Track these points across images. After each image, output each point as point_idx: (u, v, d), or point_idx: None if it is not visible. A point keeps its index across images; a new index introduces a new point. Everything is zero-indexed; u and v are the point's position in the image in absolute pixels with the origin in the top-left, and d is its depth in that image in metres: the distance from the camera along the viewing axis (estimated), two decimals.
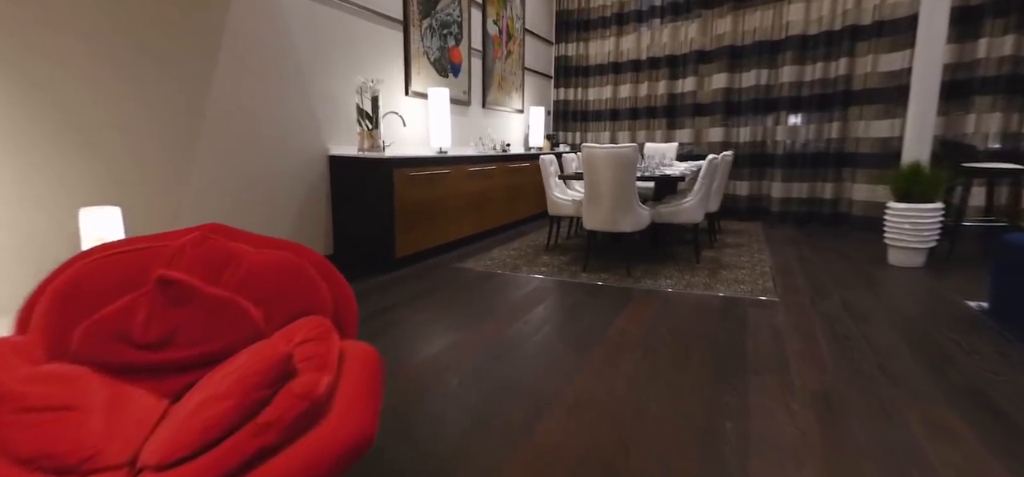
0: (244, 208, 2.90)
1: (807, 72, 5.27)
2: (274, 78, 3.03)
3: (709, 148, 6.01)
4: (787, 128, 5.44)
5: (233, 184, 2.83)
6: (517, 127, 6.26)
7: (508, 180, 4.93)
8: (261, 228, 3.02)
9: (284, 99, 3.11)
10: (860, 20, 4.92)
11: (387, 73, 3.96)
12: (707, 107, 5.98)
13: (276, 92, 3.05)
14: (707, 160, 3.64)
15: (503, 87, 5.73)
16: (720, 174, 4.32)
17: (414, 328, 2.41)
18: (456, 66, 4.78)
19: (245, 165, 2.89)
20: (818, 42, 5.16)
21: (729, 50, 5.68)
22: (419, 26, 4.19)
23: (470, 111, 5.14)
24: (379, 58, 3.86)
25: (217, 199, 2.75)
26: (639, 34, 6.37)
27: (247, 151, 2.90)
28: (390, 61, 3.97)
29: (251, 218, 2.95)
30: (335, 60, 3.45)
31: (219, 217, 2.77)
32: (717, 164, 3.70)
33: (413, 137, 4.30)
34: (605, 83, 6.70)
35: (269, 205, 3.05)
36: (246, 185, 2.90)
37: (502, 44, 5.60)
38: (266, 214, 3.04)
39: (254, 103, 2.91)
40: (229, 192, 2.81)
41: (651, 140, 6.45)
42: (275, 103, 3.05)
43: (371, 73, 3.78)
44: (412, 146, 4.29)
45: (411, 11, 4.08)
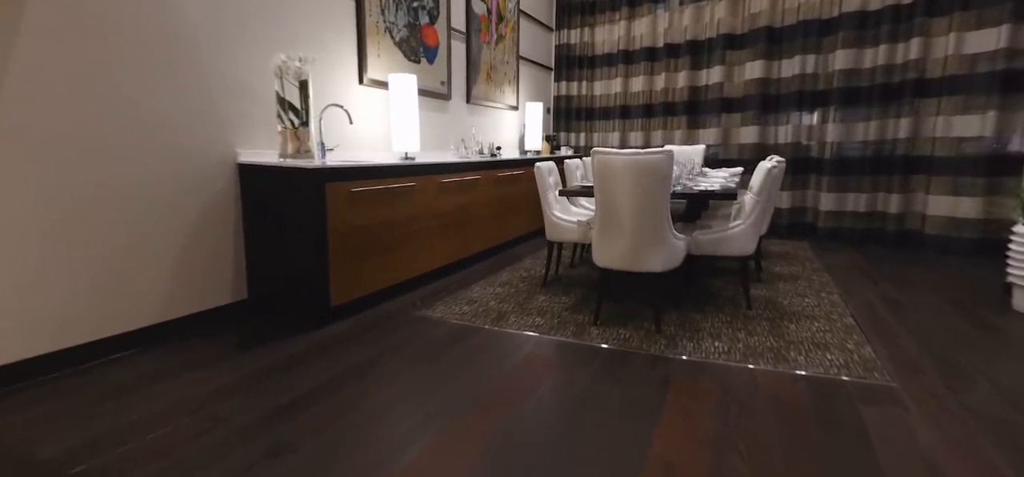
0: (95, 236, 1.93)
1: (866, 57, 4.28)
2: (146, 50, 2.06)
3: (740, 151, 5.03)
4: (839, 126, 4.45)
5: (73, 202, 1.86)
6: (510, 127, 5.29)
7: (497, 192, 3.96)
8: (120, 267, 2.05)
9: (166, 82, 2.14)
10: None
11: (333, 54, 2.99)
12: (738, 102, 4.99)
13: (151, 71, 2.08)
14: (763, 171, 2.66)
15: (493, 78, 4.75)
16: (773, 189, 3.33)
17: (329, 445, 1.43)
18: (431, 50, 3.81)
19: (98, 175, 1.92)
20: (881, 19, 4.17)
21: (766, 32, 4.70)
22: None
23: (450, 107, 4.17)
24: (321, 33, 2.89)
25: (46, 224, 1.78)
26: (655, 17, 5.39)
27: (101, 155, 1.93)
28: (337, 38, 3.00)
29: (104, 251, 1.98)
30: (251, 32, 2.48)
31: (47, 251, 1.80)
32: (776, 174, 2.71)
33: (370, 139, 3.33)
34: (614, 75, 5.72)
35: (137, 233, 2.08)
36: (95, 205, 1.94)
37: (491, 26, 4.63)
38: (131, 245, 2.07)
39: (112, 85, 1.95)
40: (68, 213, 1.84)
41: (669, 141, 5.47)
42: (150, 86, 2.08)
43: (308, 51, 2.81)
44: (368, 150, 3.32)
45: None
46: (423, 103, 3.81)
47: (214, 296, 2.44)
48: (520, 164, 4.36)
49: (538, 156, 4.90)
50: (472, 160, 3.64)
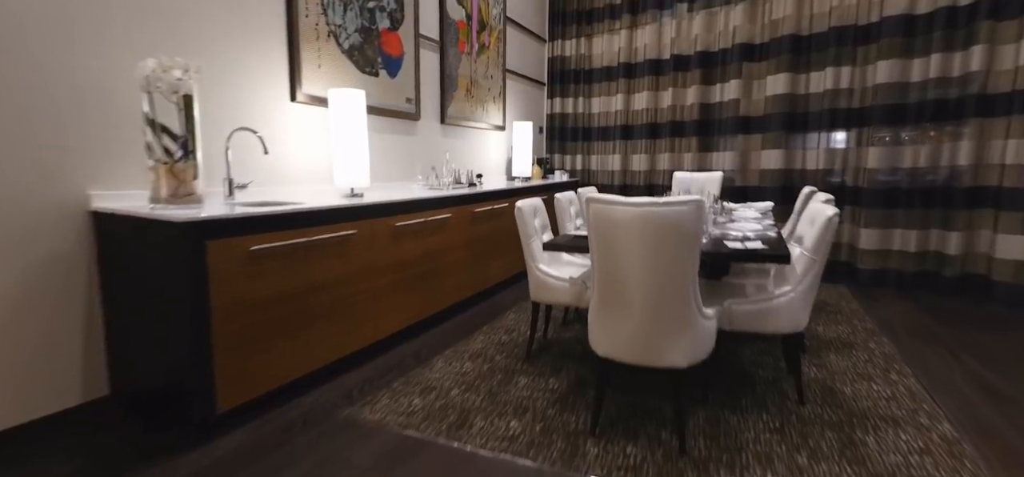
0: None
1: (914, 68, 3.61)
2: None
3: (761, 178, 4.34)
4: (881, 150, 3.76)
5: None
6: (496, 150, 4.61)
7: (475, 230, 3.26)
8: None
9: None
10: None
11: (251, 62, 2.31)
12: (758, 121, 4.32)
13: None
14: (820, 221, 1.95)
15: (474, 95, 4.09)
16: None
17: None
18: (394, 60, 3.14)
19: None
20: (932, 24, 3.51)
21: (791, 41, 4.04)
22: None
23: (419, 129, 3.49)
24: (233, 34, 2.22)
25: None
26: (660, 25, 4.75)
27: None
28: (258, 42, 2.33)
29: None
30: (118, 25, 1.81)
31: None
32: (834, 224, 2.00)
33: (307, 170, 2.64)
34: (614, 90, 5.06)
35: None
36: None
37: (471, 35, 3.97)
38: None
39: None
40: None
41: (678, 166, 4.79)
42: None
43: (211, 56, 2.13)
44: (303, 185, 2.62)
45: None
46: (382, 124, 3.13)
47: (54, 397, 1.73)
48: (504, 195, 3.66)
49: (527, 184, 4.21)
50: (442, 194, 2.94)
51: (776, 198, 4.22)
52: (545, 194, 4.34)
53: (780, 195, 4.22)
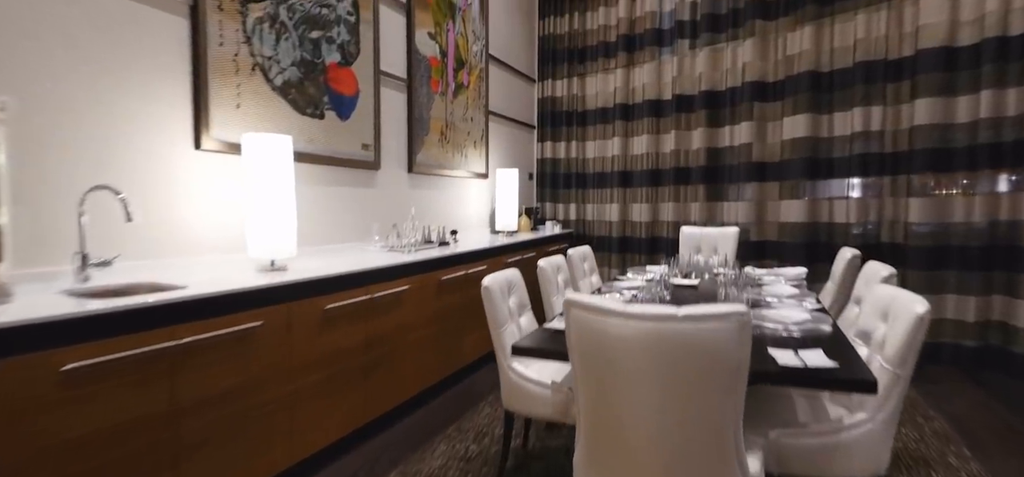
0: None
1: (960, 107, 3.10)
2: None
3: (780, 232, 3.78)
4: (925, 202, 3.21)
5: None
6: (477, 201, 4.07)
7: (443, 301, 2.68)
8: None
9: None
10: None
11: (131, 97, 1.78)
12: (775, 168, 3.79)
13: None
14: (911, 322, 1.36)
15: (450, 139, 3.58)
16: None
17: None
18: (346, 100, 2.63)
19: None
20: (979, 57, 3.02)
21: (810, 79, 3.56)
22: (239, 12, 2.06)
23: (380, 179, 2.95)
24: (111, 64, 1.69)
25: None
26: (659, 63, 4.30)
27: None
28: (146, 76, 1.81)
29: None
30: None
31: None
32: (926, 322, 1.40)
33: (215, 238, 2.07)
34: (610, 133, 4.57)
35: None
36: None
37: (446, 73, 3.50)
38: None
39: None
40: None
41: (684, 218, 4.23)
42: None
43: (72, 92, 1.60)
44: (213, 251, 2.05)
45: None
46: (328, 175, 2.59)
47: None
48: (482, 256, 3.09)
49: (512, 240, 3.64)
50: (399, 260, 2.37)
51: (800, 257, 3.64)
52: (532, 251, 3.77)
53: (805, 253, 3.65)
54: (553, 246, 4.26)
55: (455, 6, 3.56)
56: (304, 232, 2.42)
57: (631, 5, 4.38)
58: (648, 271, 2.85)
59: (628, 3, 4.37)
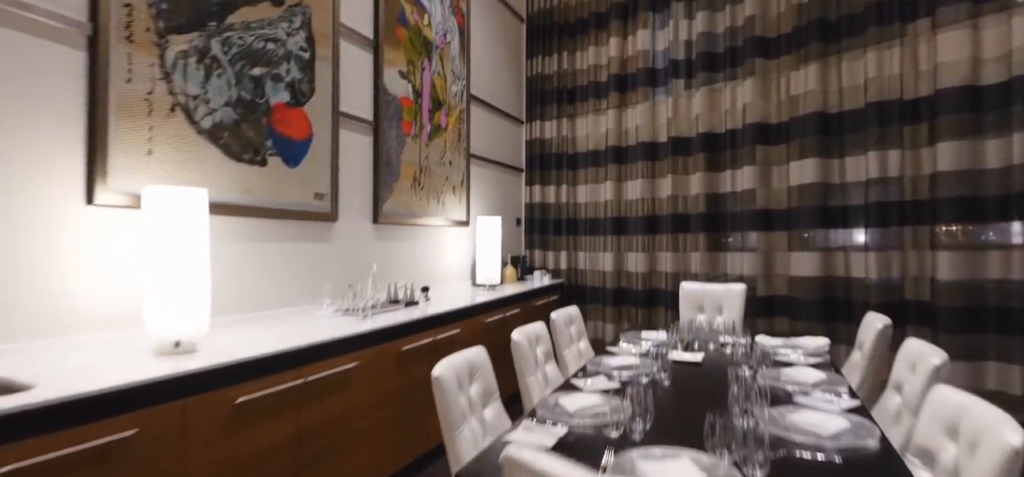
0: None
1: (989, 151, 2.78)
2: None
3: (790, 286, 3.40)
4: (957, 256, 2.84)
5: None
6: (457, 250, 3.72)
7: (405, 377, 2.28)
8: None
9: None
10: None
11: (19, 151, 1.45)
12: (781, 216, 3.46)
13: None
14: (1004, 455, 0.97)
15: (424, 186, 3.26)
16: None
17: None
18: (293, 144, 2.31)
19: None
20: (1009, 96, 2.71)
21: (817, 121, 3.27)
22: (156, 44, 1.76)
23: (338, 232, 2.61)
24: None
25: None
26: (653, 103, 4.03)
27: None
28: (20, 116, 1.48)
29: None
30: None
31: None
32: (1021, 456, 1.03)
33: (111, 311, 1.70)
34: (602, 177, 4.26)
35: None
36: None
37: (420, 114, 3.21)
38: None
39: None
40: None
41: (683, 268, 3.87)
42: None
43: None
44: (107, 327, 1.68)
45: (109, 10, 1.66)
46: (271, 229, 2.24)
47: None
48: (456, 317, 2.71)
49: (495, 296, 3.26)
50: (350, 331, 1.99)
51: (815, 314, 3.26)
52: (517, 307, 3.39)
53: (820, 311, 3.27)
54: (541, 299, 3.88)
55: (432, 44, 3.30)
56: (234, 299, 2.06)
57: (622, 44, 4.15)
58: (643, 339, 2.46)
59: (619, 42, 4.14)
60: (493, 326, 3.08)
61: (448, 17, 3.48)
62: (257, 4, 2.10)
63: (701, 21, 3.73)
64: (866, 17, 3.11)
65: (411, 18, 3.09)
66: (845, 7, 3.20)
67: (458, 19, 3.61)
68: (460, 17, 3.63)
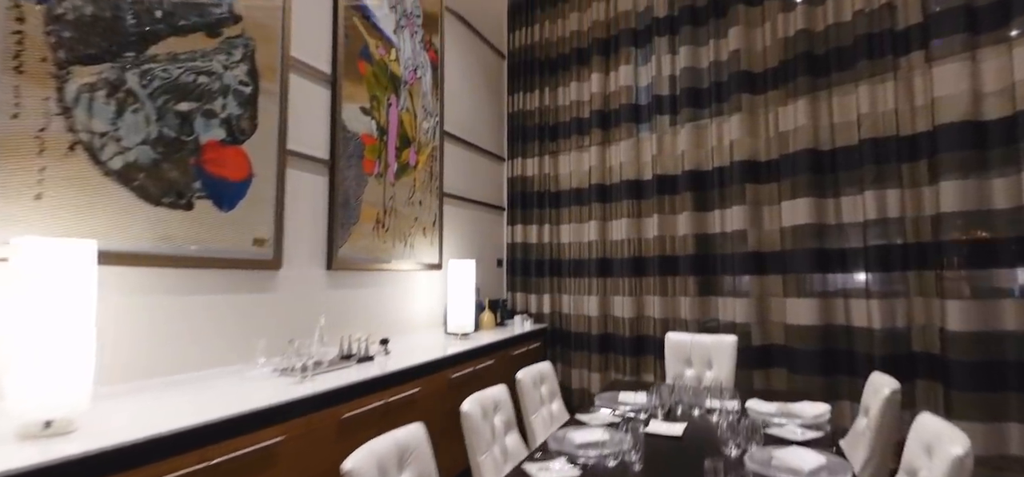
0: None
1: (996, 190, 2.55)
2: None
3: (787, 336, 3.13)
4: (969, 306, 2.58)
5: None
6: (428, 296, 3.46)
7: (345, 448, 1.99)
8: None
9: None
10: None
11: None
12: (775, 259, 3.22)
13: None
14: None
15: (389, 228, 3.03)
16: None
17: None
18: (228, 186, 2.09)
19: None
20: (1014, 132, 2.51)
21: (809, 158, 3.07)
22: (53, 76, 1.56)
23: (282, 280, 2.36)
24: None
25: None
26: (637, 140, 3.85)
27: None
28: None
29: None
30: None
31: None
32: None
33: None
34: (586, 216, 4.05)
35: None
36: None
37: (385, 152, 3.01)
38: None
39: None
40: None
41: (673, 314, 3.61)
42: None
43: None
44: None
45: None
46: (195, 281, 2.00)
47: None
48: (416, 374, 2.44)
49: (466, 346, 2.98)
50: (278, 400, 1.72)
51: (814, 367, 2.98)
52: (491, 357, 3.11)
53: (820, 363, 2.99)
54: (520, 347, 3.60)
55: (400, 80, 3.14)
56: (144, 362, 1.80)
57: (604, 79, 4.00)
58: (621, 403, 2.18)
59: (601, 77, 4.00)
60: (462, 382, 2.80)
61: (419, 52, 3.33)
62: (188, 35, 1.93)
63: (684, 55, 3.58)
64: (856, 50, 2.94)
65: (376, 52, 2.93)
66: (833, 40, 3.05)
67: (431, 55, 3.46)
68: (433, 53, 3.48)
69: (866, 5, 2.91)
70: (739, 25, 3.36)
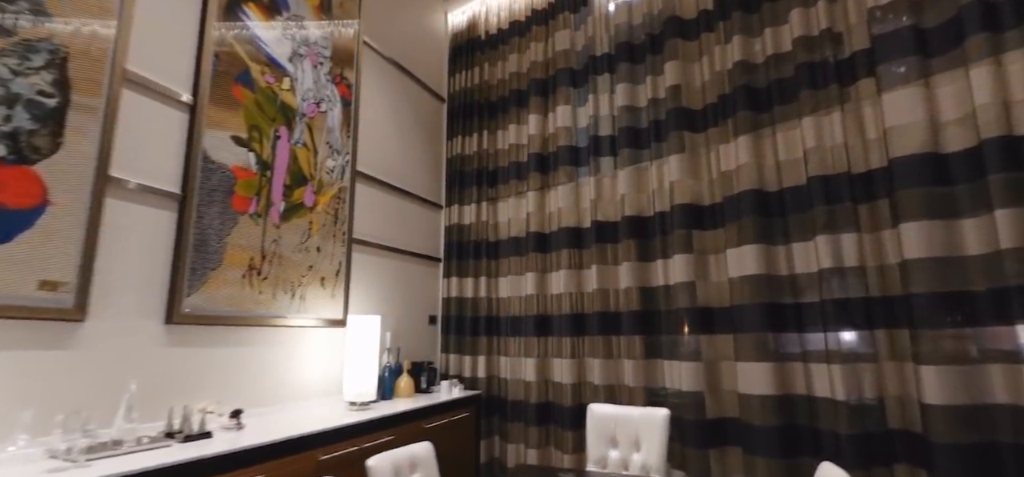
0: None
1: (967, 234, 2.14)
2: None
3: (742, 407, 2.62)
4: (947, 373, 2.10)
5: None
6: (328, 360, 2.97)
7: None
8: None
9: None
10: None
11: None
12: (724, 315, 2.76)
13: None
14: None
15: (267, 276, 2.60)
16: None
17: None
18: (6, 214, 1.69)
19: None
20: (983, 164, 2.13)
21: (754, 199, 2.68)
22: None
23: (85, 337, 1.90)
24: None
25: None
26: (576, 185, 3.50)
27: None
28: None
29: None
30: None
31: None
32: None
33: None
34: (523, 268, 3.62)
35: None
36: None
37: (266, 190, 2.64)
38: None
39: None
40: None
41: (615, 379, 3.11)
42: None
43: None
44: None
45: None
46: None
47: None
48: (257, 458, 1.92)
49: (360, 416, 2.46)
50: None
51: (773, 446, 2.46)
52: (389, 431, 2.58)
53: (780, 442, 2.46)
54: (440, 418, 3.07)
55: (295, 111, 2.82)
56: None
57: (542, 121, 3.71)
58: None
59: (539, 119, 3.70)
60: (336, 465, 2.27)
61: (325, 85, 3.04)
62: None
63: (621, 94, 3.29)
64: (797, 80, 2.63)
65: (260, 79, 2.62)
66: (773, 72, 2.74)
67: (342, 89, 3.17)
68: (344, 88, 3.20)
69: (805, 31, 2.63)
70: (677, 59, 3.08)
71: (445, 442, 3.15)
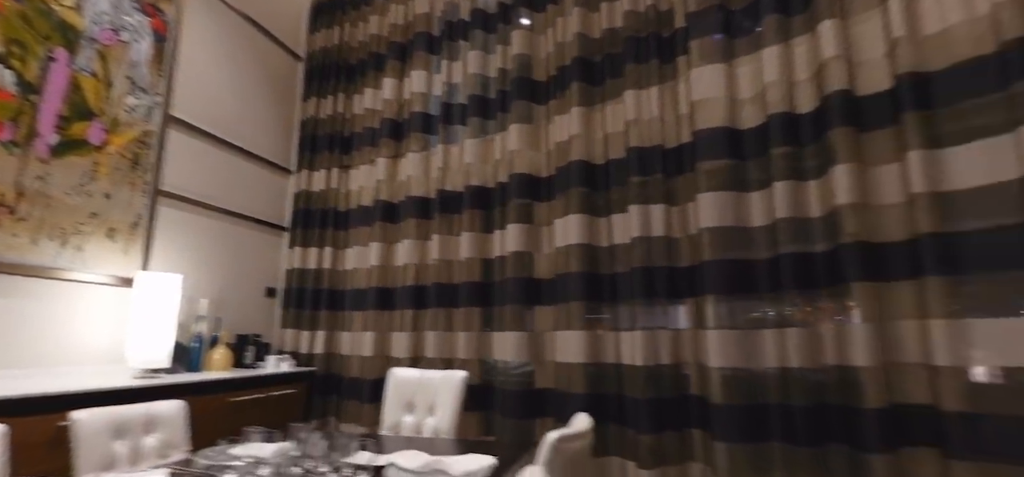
0: None
1: (753, 205, 2.25)
2: None
3: (559, 377, 2.60)
4: (727, 338, 2.19)
5: None
6: (113, 321, 2.59)
7: None
8: None
9: None
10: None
11: None
12: (549, 287, 2.75)
13: None
14: None
15: (27, 218, 2.21)
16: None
17: None
18: None
19: None
20: (768, 140, 2.25)
21: (582, 171, 2.69)
22: None
23: None
24: None
25: None
26: (427, 154, 3.37)
27: None
28: None
29: None
30: None
31: None
32: None
33: None
34: (370, 238, 3.43)
35: None
36: None
37: (31, 117, 2.25)
38: None
39: None
40: None
41: (451, 353, 3.00)
42: None
43: None
44: None
45: None
46: None
47: None
48: None
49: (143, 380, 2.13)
50: None
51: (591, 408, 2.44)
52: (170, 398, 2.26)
53: (589, 406, 2.47)
54: (253, 392, 2.79)
55: (79, 32, 2.44)
56: None
57: (398, 86, 3.55)
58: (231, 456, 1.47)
59: (394, 83, 3.54)
60: None
61: (128, 11, 2.68)
62: None
63: (473, 61, 3.21)
64: (624, 54, 2.68)
65: None
66: (607, 46, 2.78)
67: (156, 23, 2.82)
68: (159, 22, 2.84)
69: (633, 6, 2.69)
70: (524, 29, 3.05)
71: (264, 421, 2.88)
